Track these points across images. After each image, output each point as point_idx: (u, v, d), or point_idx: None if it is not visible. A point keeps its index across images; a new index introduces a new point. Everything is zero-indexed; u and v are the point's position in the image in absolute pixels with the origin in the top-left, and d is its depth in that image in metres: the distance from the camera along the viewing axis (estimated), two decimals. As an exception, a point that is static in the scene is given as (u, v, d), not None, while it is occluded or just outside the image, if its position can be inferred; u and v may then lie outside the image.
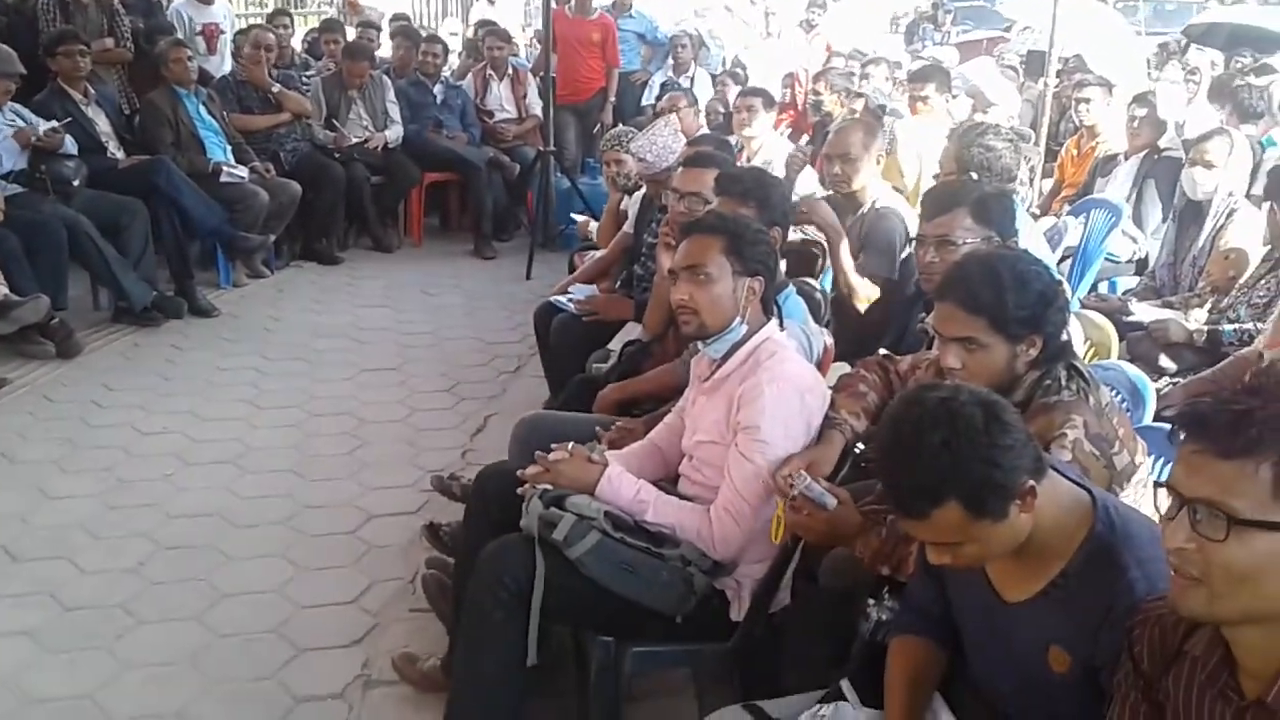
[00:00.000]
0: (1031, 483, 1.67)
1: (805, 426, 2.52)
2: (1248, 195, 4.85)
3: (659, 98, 7.65)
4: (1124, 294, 4.92)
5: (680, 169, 3.72)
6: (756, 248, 2.62)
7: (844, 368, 3.09)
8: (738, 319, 2.59)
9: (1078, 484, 1.79)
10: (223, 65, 8.04)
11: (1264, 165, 5.80)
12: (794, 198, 4.03)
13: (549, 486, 2.56)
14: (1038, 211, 6.11)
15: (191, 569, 3.59)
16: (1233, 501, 1.32)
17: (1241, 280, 4.11)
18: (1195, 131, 5.32)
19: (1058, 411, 2.20)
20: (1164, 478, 1.46)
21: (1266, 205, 4.53)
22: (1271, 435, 1.32)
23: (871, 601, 2.30)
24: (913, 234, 3.31)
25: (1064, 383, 2.26)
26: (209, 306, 6.29)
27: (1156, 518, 1.94)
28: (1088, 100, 6.44)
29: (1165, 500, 1.43)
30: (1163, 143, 5.89)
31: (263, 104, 7.32)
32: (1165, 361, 3.93)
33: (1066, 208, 5.89)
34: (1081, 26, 8.49)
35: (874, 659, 2.09)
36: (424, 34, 9.03)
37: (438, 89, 8.10)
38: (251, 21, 9.75)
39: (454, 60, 9.56)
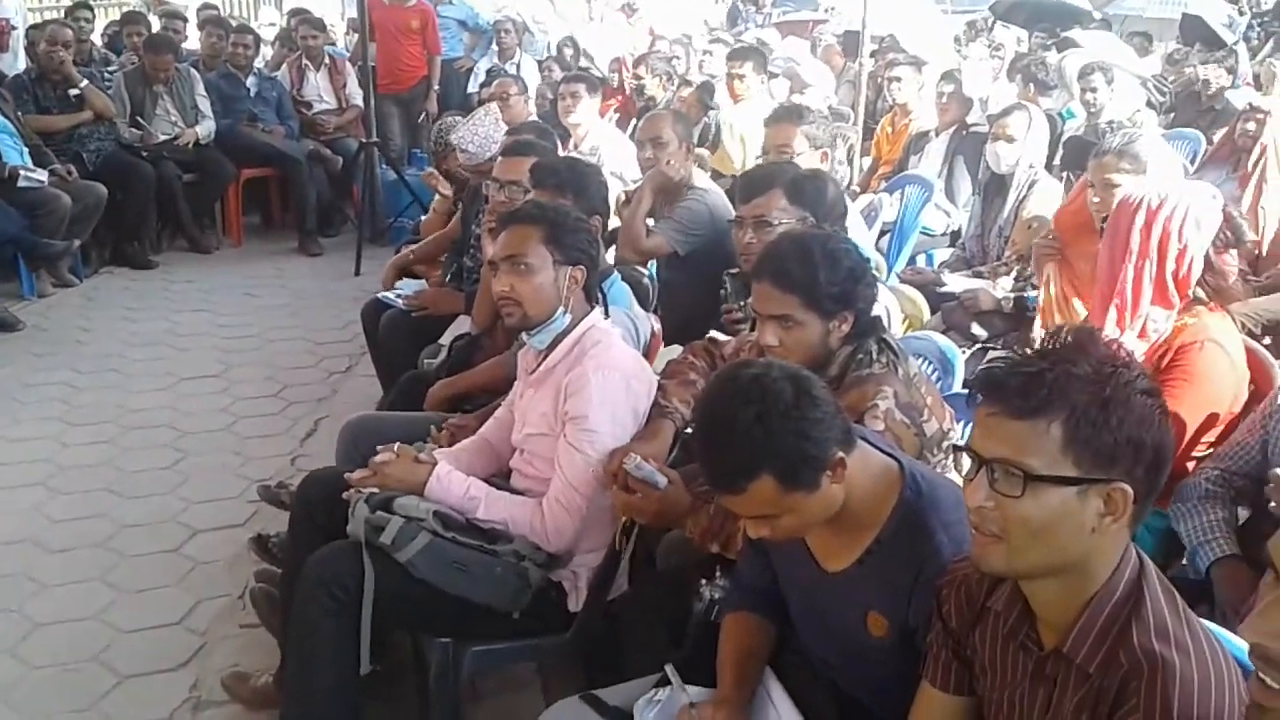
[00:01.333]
0: (841, 454, 1.73)
1: (632, 413, 2.53)
2: (1048, 166, 5.11)
3: (484, 85, 7.55)
4: (939, 266, 5.11)
5: (500, 158, 3.69)
6: (577, 236, 2.61)
7: (674, 351, 3.13)
8: (561, 309, 2.57)
9: (887, 453, 1.86)
10: (15, 63, 7.54)
11: (1065, 136, 6.14)
12: None
13: (376, 490, 2.50)
14: (858, 189, 6.30)
15: (1, 599, 3.37)
16: (1027, 459, 1.39)
17: (1044, 248, 4.32)
18: (1001, 107, 5.57)
19: (870, 384, 2.28)
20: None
21: (1065, 175, 4.79)
22: (1060, 395, 1.39)
23: (704, 581, 2.34)
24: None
25: (875, 356, 2.35)
26: (12, 320, 5.90)
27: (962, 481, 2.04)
28: (898, 79, 6.65)
29: (967, 462, 1.49)
30: (970, 119, 6.15)
31: (62, 103, 6.90)
32: (977, 329, 4.10)
33: (884, 184, 6.09)
34: (893, 7, 8.78)
35: (710, 638, 2.13)
36: (234, 24, 8.66)
37: (250, 81, 7.79)
38: (47, 15, 9.16)
39: (268, 51, 9.22)
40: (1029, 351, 1.47)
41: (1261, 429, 2.50)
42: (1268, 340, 4.30)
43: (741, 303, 3.00)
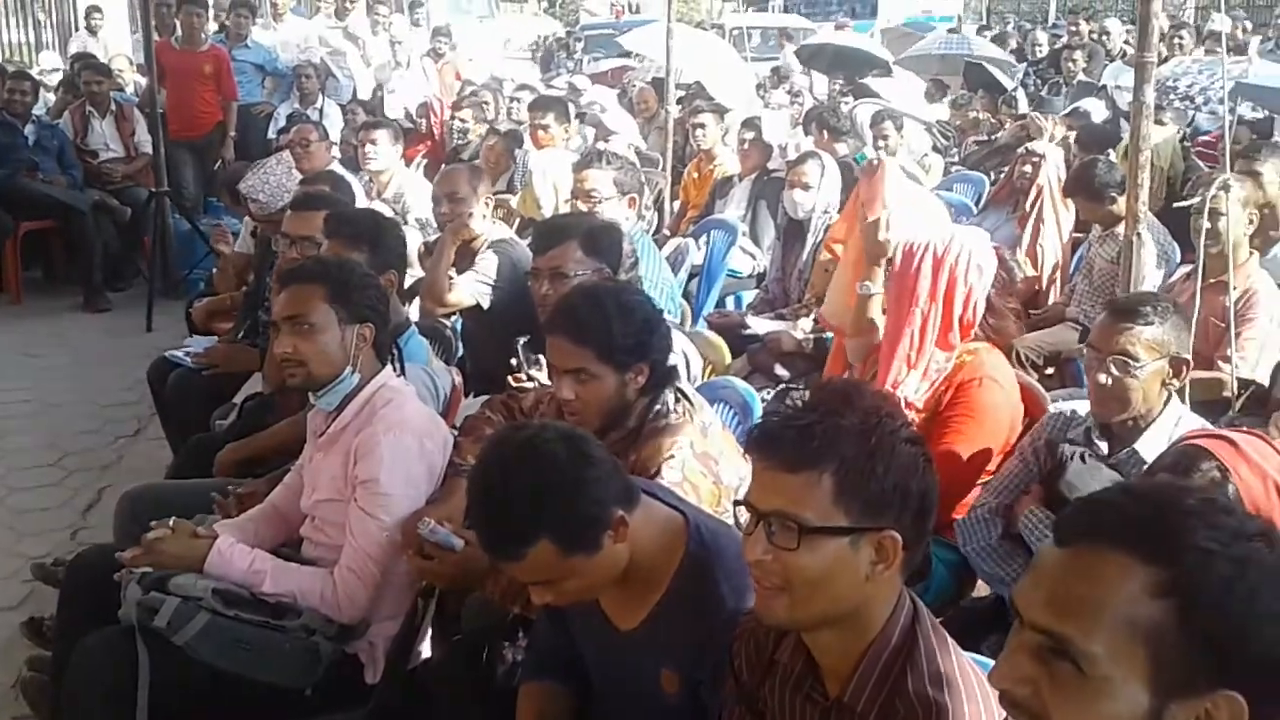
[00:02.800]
0: (621, 512, 1.71)
1: (427, 473, 2.46)
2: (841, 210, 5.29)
3: (283, 130, 7.33)
4: (747, 308, 5.22)
5: (289, 211, 3.56)
6: (364, 292, 2.53)
7: (480, 403, 3.06)
8: (349, 368, 2.48)
9: (672, 506, 1.85)
10: None
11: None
12: None
13: (150, 569, 2.34)
14: (668, 233, 6.40)
15: None
16: (801, 511, 1.40)
17: (840, 289, 4.46)
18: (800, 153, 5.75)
19: (666, 435, 2.28)
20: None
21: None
22: (830, 446, 1.41)
23: (506, 644, 2.28)
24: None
25: (672, 406, 2.35)
26: None
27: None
28: (702, 125, 6.81)
29: (745, 516, 1.49)
30: (771, 164, 6.33)
31: None
32: (780, 370, 4.19)
33: (691, 228, 6.20)
34: (699, 56, 9.01)
35: (514, 704, 2.07)
36: (10, 69, 8.16)
37: (29, 129, 7.34)
38: None
39: (50, 98, 8.71)
40: (800, 404, 1.49)
41: (1033, 455, 2.62)
42: (1050, 370, 4.58)
43: (531, 372, 2.96)
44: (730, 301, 5.58)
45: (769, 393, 4.00)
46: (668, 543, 1.79)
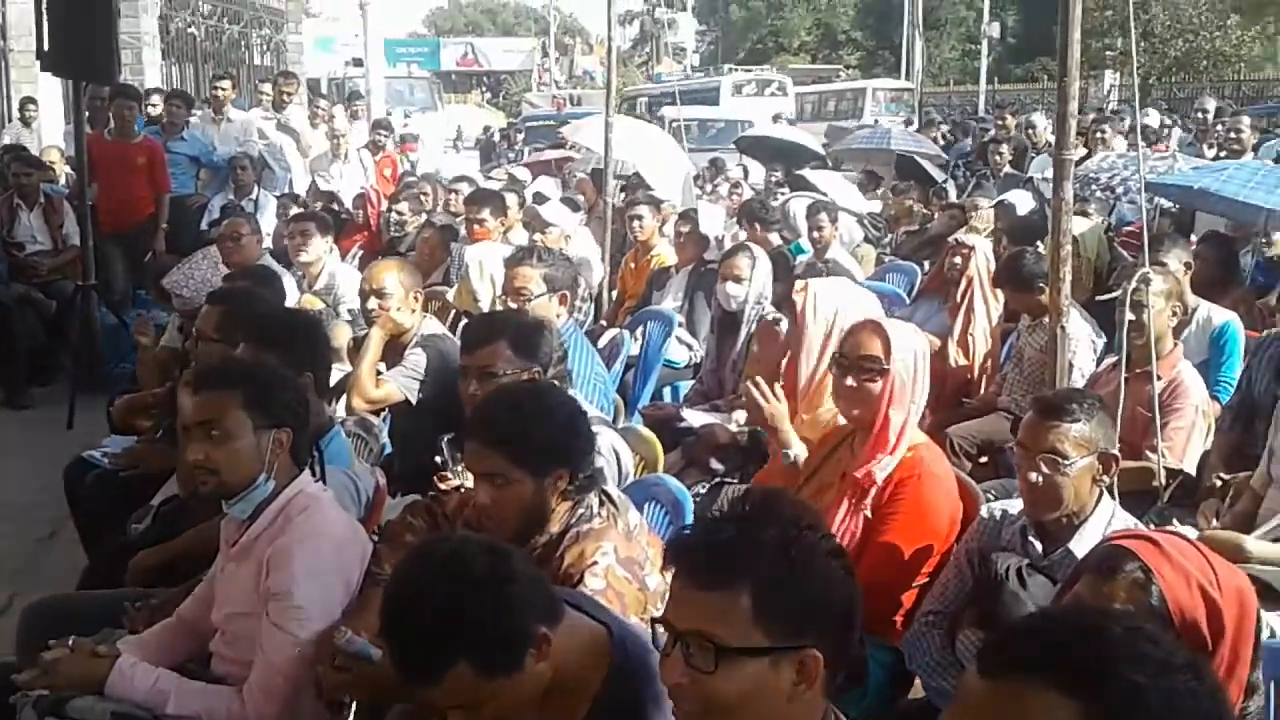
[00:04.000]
0: (545, 629, 1.64)
1: (344, 584, 2.37)
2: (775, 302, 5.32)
3: (215, 222, 7.26)
4: (683, 400, 5.19)
5: (204, 307, 3.48)
6: (282, 396, 2.45)
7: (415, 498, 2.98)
8: (263, 475, 2.39)
9: (596, 619, 1.79)
10: None
11: (797, 269, 6.46)
12: None
13: (46, 691, 2.21)
14: (605, 323, 6.40)
15: None
16: (718, 631, 1.35)
17: (775, 380, 4.45)
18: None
19: (589, 540, 2.22)
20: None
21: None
22: (749, 563, 1.36)
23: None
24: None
25: (595, 510, 2.29)
26: None
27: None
28: (639, 216, 6.87)
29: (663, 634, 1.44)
30: (708, 256, 6.38)
31: None
32: (715, 464, 4.15)
33: (629, 319, 6.20)
34: (641, 149, 9.14)
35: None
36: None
37: (-47, 222, 7.20)
38: None
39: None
40: (719, 514, 1.46)
41: (967, 564, 2.59)
42: (984, 459, 4.59)
43: (456, 469, 2.90)
44: (668, 393, 5.56)
45: (704, 486, 3.96)
46: (592, 659, 1.72)
